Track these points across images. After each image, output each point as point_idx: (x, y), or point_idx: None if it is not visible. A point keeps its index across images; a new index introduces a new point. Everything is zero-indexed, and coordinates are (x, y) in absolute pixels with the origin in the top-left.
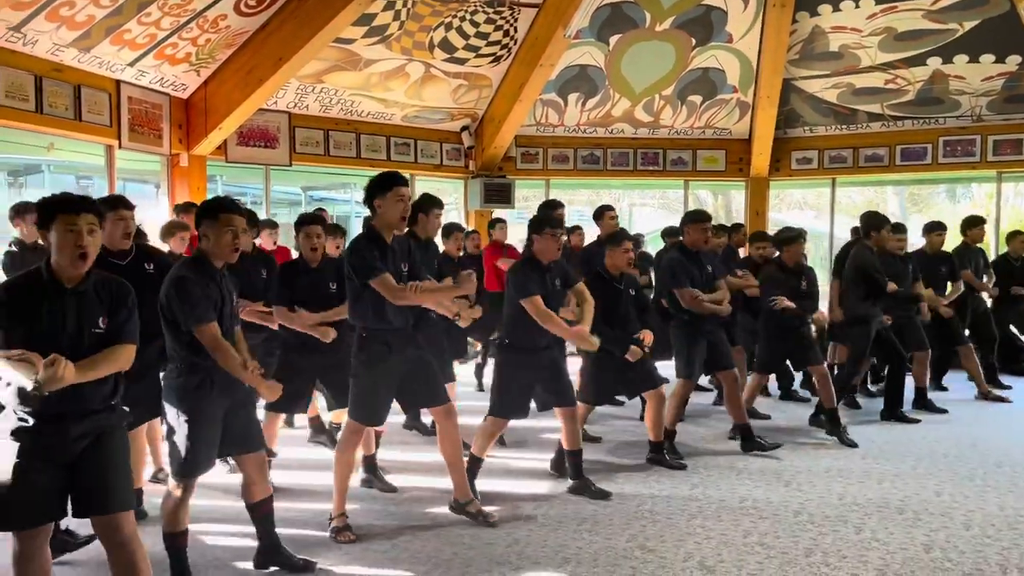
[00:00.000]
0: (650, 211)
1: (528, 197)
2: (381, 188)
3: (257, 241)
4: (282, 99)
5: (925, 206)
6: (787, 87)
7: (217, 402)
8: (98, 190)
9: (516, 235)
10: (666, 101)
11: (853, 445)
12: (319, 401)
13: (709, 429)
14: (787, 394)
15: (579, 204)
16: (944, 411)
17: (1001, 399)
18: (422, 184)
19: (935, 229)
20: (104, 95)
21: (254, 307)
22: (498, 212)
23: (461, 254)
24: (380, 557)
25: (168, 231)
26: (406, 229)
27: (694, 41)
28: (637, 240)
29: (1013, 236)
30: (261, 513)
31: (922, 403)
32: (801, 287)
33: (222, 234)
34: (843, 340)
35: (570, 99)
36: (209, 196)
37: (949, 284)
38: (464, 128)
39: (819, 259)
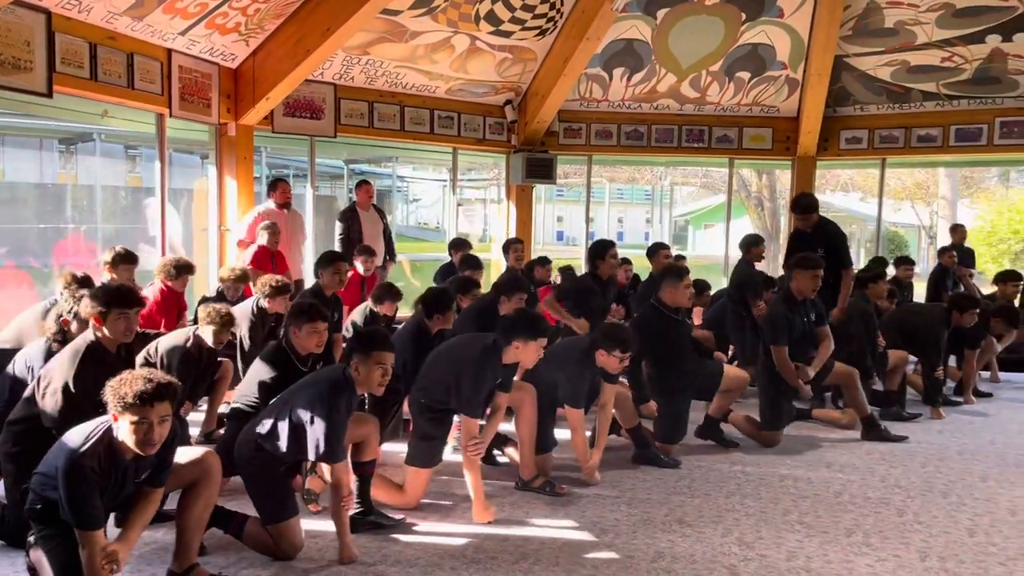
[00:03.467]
0: (691, 190)
1: (569, 174)
2: (526, 332)
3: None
4: (328, 70)
5: (977, 190)
6: (838, 64)
7: None
8: (147, 159)
9: (552, 213)
10: (713, 77)
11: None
12: None
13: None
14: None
15: (620, 182)
16: (988, 395)
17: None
18: (464, 158)
19: (1010, 279)
20: (156, 64)
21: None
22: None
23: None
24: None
25: None
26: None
27: (744, 16)
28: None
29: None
30: None
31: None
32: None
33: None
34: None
35: (615, 74)
36: (255, 167)
37: None
38: (507, 102)
39: (864, 242)
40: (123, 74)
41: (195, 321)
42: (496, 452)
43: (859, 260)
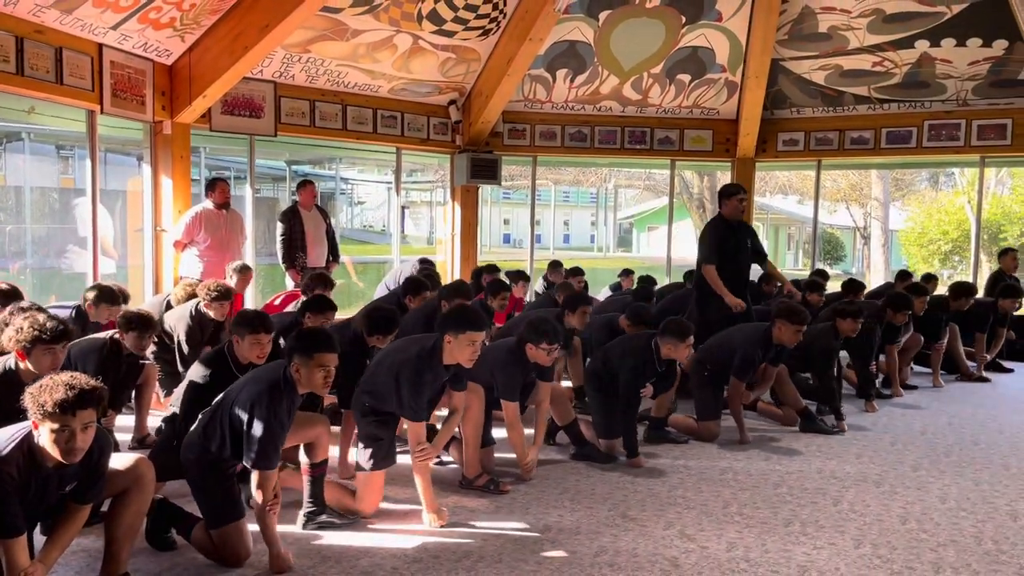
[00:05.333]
0: (635, 192)
1: (515, 176)
2: (456, 326)
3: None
4: (267, 68)
5: (908, 192)
6: (775, 67)
7: None
8: (80, 160)
9: (498, 215)
10: (654, 79)
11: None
12: None
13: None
14: None
15: (566, 184)
16: (914, 387)
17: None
18: (408, 159)
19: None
20: (86, 58)
21: None
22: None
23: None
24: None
25: None
26: None
27: (684, 19)
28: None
29: (1004, 253)
30: None
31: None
32: None
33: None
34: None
35: (558, 75)
36: (192, 168)
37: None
38: (451, 102)
39: (801, 243)
40: (51, 69)
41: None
42: (440, 451)
43: (797, 262)
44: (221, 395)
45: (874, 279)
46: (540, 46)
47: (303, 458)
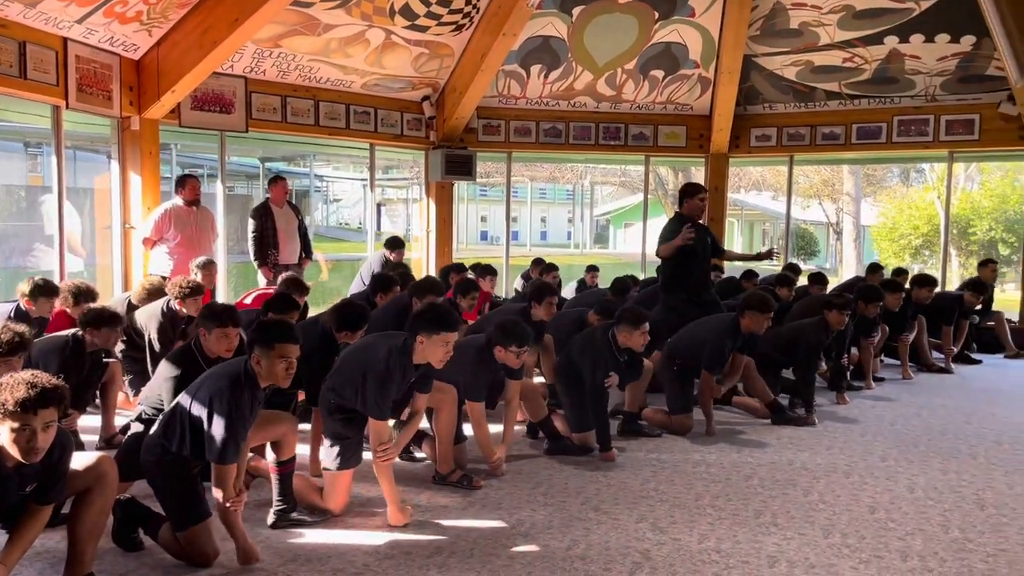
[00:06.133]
0: (611, 189)
1: (491, 173)
2: (429, 326)
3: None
4: (238, 63)
5: (879, 187)
6: (748, 63)
7: None
8: (47, 155)
9: (475, 212)
10: (628, 75)
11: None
12: None
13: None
14: None
15: (542, 181)
16: (882, 379)
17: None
18: (382, 155)
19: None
20: (51, 53)
21: None
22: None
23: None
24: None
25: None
26: None
27: (657, 14)
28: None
29: (984, 264)
30: None
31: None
32: None
33: None
34: None
35: (533, 71)
36: (161, 166)
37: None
38: (425, 98)
39: (775, 239)
40: (14, 63)
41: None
42: (412, 447)
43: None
44: (181, 394)
45: (846, 274)
46: (514, 41)
47: (270, 456)
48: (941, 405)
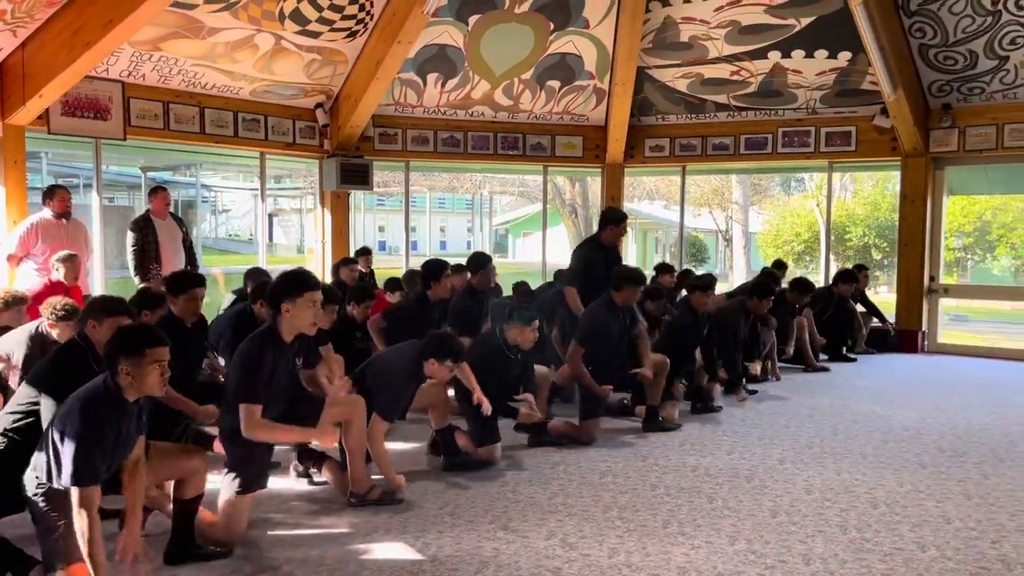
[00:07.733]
0: (510, 199)
1: (389, 183)
2: (289, 293)
3: None
4: (114, 66)
5: (764, 196)
6: (641, 75)
7: None
8: None
9: (373, 222)
10: (525, 85)
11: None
12: None
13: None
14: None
15: (441, 190)
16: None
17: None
18: (274, 163)
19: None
20: None
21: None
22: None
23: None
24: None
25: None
26: None
27: (552, 25)
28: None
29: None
30: None
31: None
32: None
33: None
34: None
35: (429, 79)
36: (31, 176)
37: None
38: (318, 105)
39: (668, 247)
40: None
41: None
42: (313, 470)
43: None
44: (46, 426)
45: (736, 279)
46: (409, 49)
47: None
48: (829, 406)
